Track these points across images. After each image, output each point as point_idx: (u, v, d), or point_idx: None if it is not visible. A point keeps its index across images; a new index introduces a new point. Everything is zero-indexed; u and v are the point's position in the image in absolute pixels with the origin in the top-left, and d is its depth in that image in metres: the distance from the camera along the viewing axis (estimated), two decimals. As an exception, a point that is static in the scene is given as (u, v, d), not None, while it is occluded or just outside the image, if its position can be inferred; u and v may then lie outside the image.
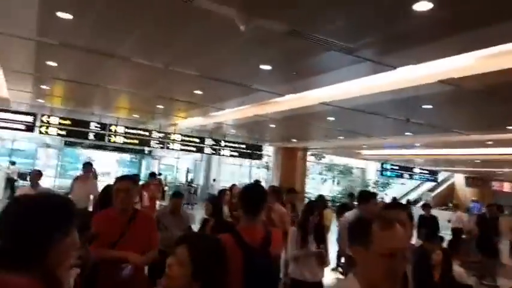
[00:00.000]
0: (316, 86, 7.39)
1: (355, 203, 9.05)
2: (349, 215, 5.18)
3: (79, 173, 8.56)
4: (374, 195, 5.42)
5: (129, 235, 2.99)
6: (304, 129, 12.94)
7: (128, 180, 3.18)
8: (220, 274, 1.57)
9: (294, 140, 15.70)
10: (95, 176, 8.25)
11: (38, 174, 6.41)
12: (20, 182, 16.42)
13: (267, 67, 6.25)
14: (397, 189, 26.12)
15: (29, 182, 13.53)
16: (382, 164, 18.99)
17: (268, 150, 19.64)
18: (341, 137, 13.39)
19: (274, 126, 12.11)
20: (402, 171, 19.63)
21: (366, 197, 5.10)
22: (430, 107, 7.67)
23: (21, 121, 11.42)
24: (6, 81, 9.69)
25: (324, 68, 6.14)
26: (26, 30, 5.61)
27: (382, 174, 19.62)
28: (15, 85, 10.07)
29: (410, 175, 20.24)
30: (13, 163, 16.95)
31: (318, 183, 24.77)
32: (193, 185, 21.59)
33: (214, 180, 22.96)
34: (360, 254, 1.42)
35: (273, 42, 5.19)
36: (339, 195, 23.08)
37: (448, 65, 5.48)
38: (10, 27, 5.63)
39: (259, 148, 15.71)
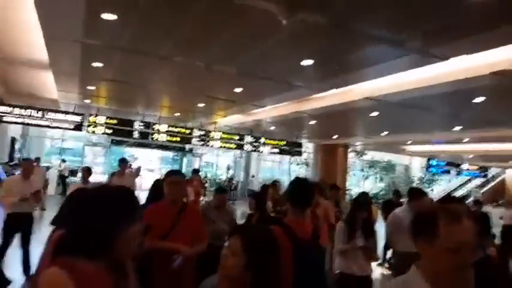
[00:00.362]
0: (360, 80, 7.16)
1: (401, 200, 8.79)
2: (399, 211, 5.05)
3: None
4: (425, 193, 5.25)
5: (179, 227, 3.07)
6: (346, 126, 12.66)
7: (179, 174, 3.36)
8: (274, 264, 1.55)
9: (335, 137, 15.39)
10: (137, 173, 8.43)
11: (88, 171, 6.66)
12: (71, 179, 17.25)
13: (309, 62, 6.10)
14: (443, 186, 25.09)
15: (78, 179, 14.23)
16: (428, 159, 18.26)
17: (308, 147, 19.42)
18: (385, 133, 12.97)
19: (314, 122, 11.91)
20: (449, 167, 18.79)
21: (417, 194, 4.97)
22: (482, 99, 7.22)
23: (70, 121, 11.90)
24: (56, 83, 10.12)
25: (368, 62, 5.92)
26: (72, 32, 5.79)
27: (428, 171, 18.88)
28: (63, 86, 10.51)
29: (458, 171, 19.34)
30: (64, 161, 17.80)
31: (359, 180, 24.26)
32: (233, 181, 21.78)
33: (253, 176, 23.09)
34: (424, 248, 1.37)
35: (315, 36, 5.05)
36: (382, 192, 22.47)
37: (502, 55, 5.13)
38: (58, 31, 5.83)
39: (299, 145, 15.54)
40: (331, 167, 16.75)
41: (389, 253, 7.80)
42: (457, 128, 10.66)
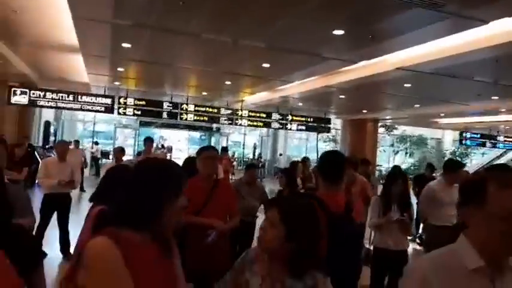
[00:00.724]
0: (392, 49, 6.91)
1: (434, 174, 8.59)
2: (434, 184, 4.95)
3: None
4: (463, 165, 5.10)
5: (212, 203, 3.08)
6: (376, 99, 12.36)
7: (213, 149, 3.41)
8: (313, 234, 1.54)
9: (365, 111, 15.08)
10: (169, 150, 8.54)
11: (121, 152, 6.80)
12: (103, 160, 17.76)
13: (340, 32, 5.92)
14: (477, 160, 24.35)
15: (110, 160, 14.60)
16: (461, 132, 17.67)
17: (335, 123, 19.18)
18: (417, 105, 12.60)
19: (343, 97, 11.68)
20: (484, 140, 18.11)
21: (454, 166, 4.84)
22: (525, 65, 6.86)
23: (102, 103, 12.15)
24: (86, 66, 10.29)
25: (403, 29, 5.68)
26: (102, 12, 5.81)
27: (461, 144, 18.28)
28: (93, 69, 10.69)
29: (493, 144, 18.64)
30: (96, 143, 18.31)
31: (389, 156, 23.83)
32: (261, 159, 21.88)
33: (280, 154, 23.10)
34: (472, 215, 1.31)
35: (347, 3, 4.87)
36: (412, 167, 22.03)
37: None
38: (88, 11, 5.87)
39: (327, 121, 15.35)
40: (360, 143, 16.49)
41: (420, 228, 7.67)
42: (495, 98, 10.22)
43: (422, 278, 1.22)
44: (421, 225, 6.50)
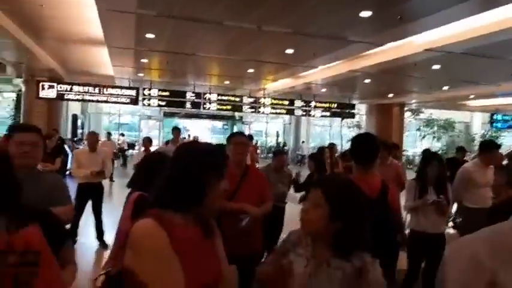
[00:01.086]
0: (421, 30, 6.69)
1: (465, 158, 8.36)
2: (469, 165, 4.82)
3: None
4: (499, 145, 4.93)
5: (244, 189, 3.06)
6: (403, 82, 12.06)
7: (243, 135, 3.37)
8: (359, 213, 1.51)
9: (391, 95, 14.76)
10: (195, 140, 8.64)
11: (149, 142, 6.89)
12: (130, 151, 18.12)
13: (367, 13, 5.77)
14: (508, 143, 23.55)
15: (136, 151, 14.85)
16: (492, 114, 17.09)
17: (360, 108, 18.88)
18: (446, 87, 12.23)
19: (368, 81, 11.45)
20: (516, 122, 17.48)
21: (489, 146, 4.70)
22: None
23: (126, 95, 12.32)
24: (111, 59, 10.43)
25: (432, 8, 5.49)
26: (126, 3, 5.84)
27: (492, 126, 17.71)
28: (118, 61, 10.81)
29: (526, 126, 17.96)
30: (122, 135, 18.66)
31: (415, 141, 23.34)
32: (284, 147, 21.85)
33: (303, 142, 22.97)
34: None
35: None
36: (440, 152, 21.51)
37: None
38: (112, 2, 5.91)
39: (352, 106, 15.11)
40: (386, 128, 16.18)
41: (453, 210, 7.49)
42: (528, 77, 9.82)
43: (473, 260, 1.01)
44: (454, 208, 6.34)
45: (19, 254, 1.23)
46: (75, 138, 15.73)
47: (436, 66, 8.99)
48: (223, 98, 13.67)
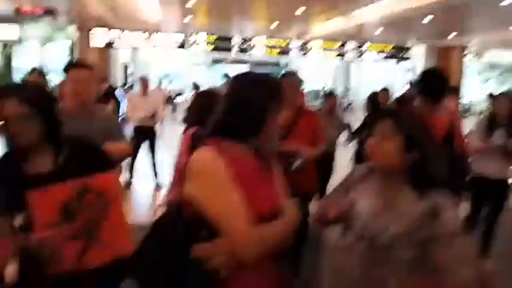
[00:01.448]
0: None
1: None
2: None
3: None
4: None
5: (297, 130, 3.00)
6: (466, 21, 11.06)
7: (294, 76, 3.22)
8: (434, 140, 1.44)
9: (451, 36, 13.61)
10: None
11: (196, 87, 6.91)
12: (178, 99, 18.51)
13: None
14: None
15: (184, 97, 15.10)
16: None
17: (415, 53, 17.79)
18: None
19: (431, 18, 10.50)
20: None
21: None
22: None
23: (174, 41, 12.34)
24: (160, 4, 10.30)
25: None
26: None
27: None
28: (165, 7, 10.67)
29: None
30: (171, 82, 19.00)
31: (476, 85, 21.75)
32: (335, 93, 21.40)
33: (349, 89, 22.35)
34: None
35: None
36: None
37: None
38: None
39: (407, 49, 14.20)
40: (445, 72, 15.16)
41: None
42: None
43: None
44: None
45: (96, 194, 1.38)
46: (126, 87, 16.21)
47: (504, 3, 8.06)
48: (271, 40, 13.30)
